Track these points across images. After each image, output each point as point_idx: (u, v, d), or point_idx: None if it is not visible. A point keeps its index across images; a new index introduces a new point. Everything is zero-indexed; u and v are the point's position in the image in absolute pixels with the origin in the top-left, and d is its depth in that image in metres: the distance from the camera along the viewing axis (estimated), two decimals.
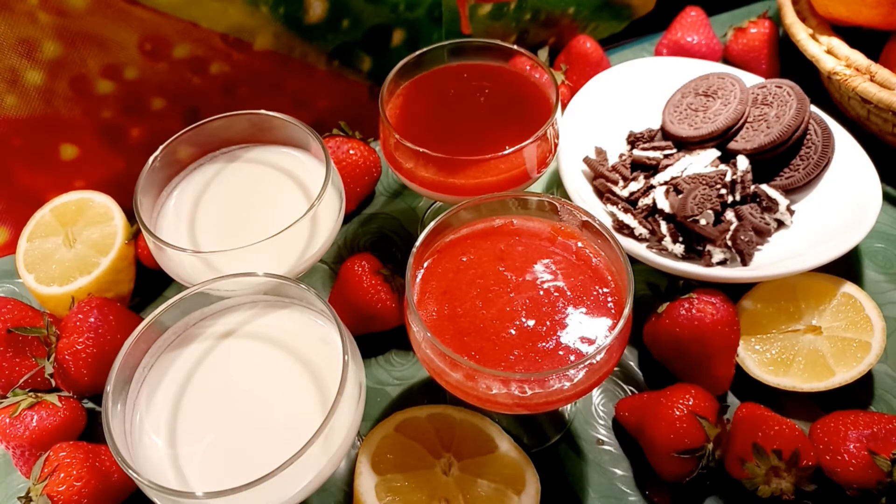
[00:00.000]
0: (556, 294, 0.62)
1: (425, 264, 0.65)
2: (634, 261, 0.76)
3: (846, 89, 0.94)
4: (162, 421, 0.60)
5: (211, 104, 0.96)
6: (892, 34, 0.96)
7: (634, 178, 0.88)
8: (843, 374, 0.73)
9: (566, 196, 0.86)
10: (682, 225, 0.82)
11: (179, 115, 0.96)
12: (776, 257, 0.82)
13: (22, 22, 0.78)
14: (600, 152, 0.93)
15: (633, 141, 0.95)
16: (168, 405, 0.61)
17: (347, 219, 0.97)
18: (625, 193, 0.88)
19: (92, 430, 0.76)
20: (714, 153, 0.87)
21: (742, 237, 0.80)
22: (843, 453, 0.66)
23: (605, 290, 0.62)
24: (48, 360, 0.74)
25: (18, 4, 0.77)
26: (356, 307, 0.79)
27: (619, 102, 0.99)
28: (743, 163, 0.85)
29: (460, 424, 0.70)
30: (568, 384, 0.56)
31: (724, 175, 0.83)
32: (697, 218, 0.81)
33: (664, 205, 0.83)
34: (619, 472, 0.73)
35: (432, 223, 0.64)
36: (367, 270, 0.79)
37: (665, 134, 0.93)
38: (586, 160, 0.92)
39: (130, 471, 0.52)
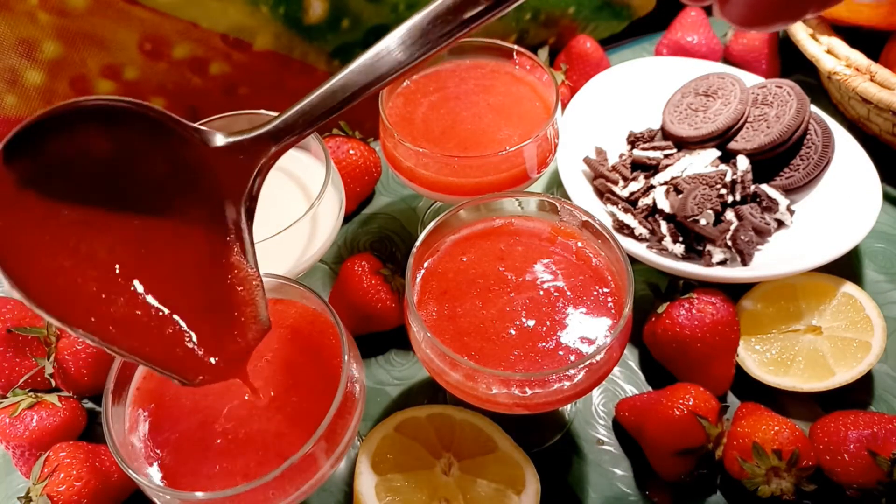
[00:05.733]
0: (556, 294, 0.62)
1: (425, 264, 0.65)
2: (634, 261, 0.76)
3: (846, 89, 0.94)
4: None
5: (211, 104, 0.96)
6: (892, 34, 0.96)
7: (634, 178, 0.88)
8: (844, 374, 0.73)
9: (566, 196, 0.86)
10: (682, 225, 0.82)
11: (179, 116, 0.96)
12: (776, 257, 0.82)
13: (22, 22, 0.78)
14: (600, 152, 0.93)
15: (633, 141, 0.95)
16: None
17: (347, 219, 0.97)
18: (625, 193, 0.88)
19: (92, 430, 0.76)
20: (714, 153, 0.87)
21: (742, 237, 0.80)
22: (843, 453, 0.66)
23: (605, 290, 0.62)
24: (48, 360, 0.74)
25: (18, 4, 0.77)
26: (356, 307, 0.79)
27: (619, 102, 0.99)
28: (743, 163, 0.85)
29: (460, 424, 0.70)
30: (568, 384, 0.56)
31: (724, 175, 0.83)
32: (697, 218, 0.81)
33: (664, 205, 0.83)
34: (619, 472, 0.73)
35: (432, 223, 0.64)
36: (367, 270, 0.79)
37: (665, 134, 0.93)
38: (586, 160, 0.92)
39: (130, 471, 0.52)
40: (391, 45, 0.49)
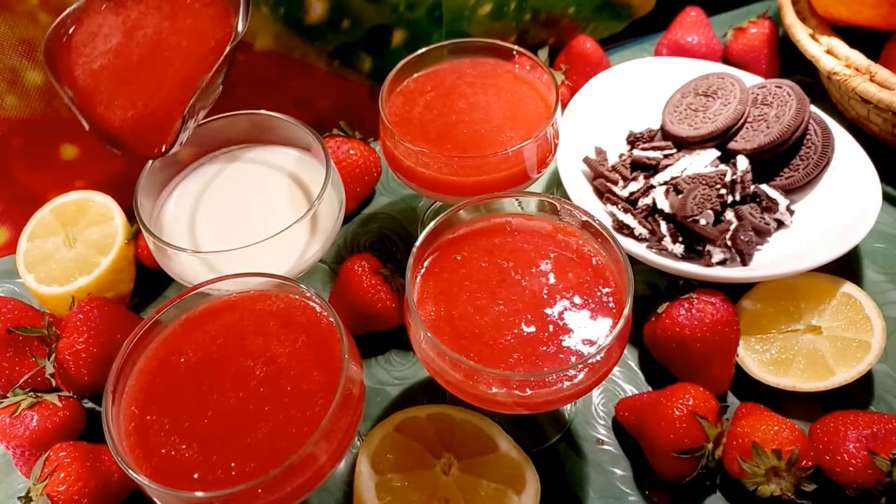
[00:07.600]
0: (556, 294, 0.62)
1: (425, 264, 0.65)
2: (634, 261, 0.76)
3: (846, 89, 0.94)
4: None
5: None
6: (892, 34, 0.96)
7: (634, 178, 0.88)
8: (843, 374, 0.73)
9: (566, 196, 0.86)
10: (682, 225, 0.82)
11: None
12: (776, 257, 0.82)
13: (22, 22, 0.78)
14: (600, 152, 0.93)
15: (633, 141, 0.95)
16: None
17: (347, 219, 0.97)
18: (625, 193, 0.88)
19: (92, 430, 0.76)
20: (714, 153, 0.87)
21: (742, 237, 0.80)
22: (843, 453, 0.66)
23: (605, 290, 0.62)
24: (48, 360, 0.74)
25: (19, 4, 0.77)
26: (356, 307, 0.79)
27: (619, 102, 0.99)
28: (743, 163, 0.85)
29: (460, 424, 0.70)
30: (568, 384, 0.56)
31: (724, 175, 0.83)
32: (697, 218, 0.81)
33: (664, 205, 0.83)
34: (619, 472, 0.73)
35: (432, 223, 0.64)
36: (367, 270, 0.79)
37: (665, 134, 0.93)
38: (586, 160, 0.92)
39: (130, 471, 0.52)
40: None
